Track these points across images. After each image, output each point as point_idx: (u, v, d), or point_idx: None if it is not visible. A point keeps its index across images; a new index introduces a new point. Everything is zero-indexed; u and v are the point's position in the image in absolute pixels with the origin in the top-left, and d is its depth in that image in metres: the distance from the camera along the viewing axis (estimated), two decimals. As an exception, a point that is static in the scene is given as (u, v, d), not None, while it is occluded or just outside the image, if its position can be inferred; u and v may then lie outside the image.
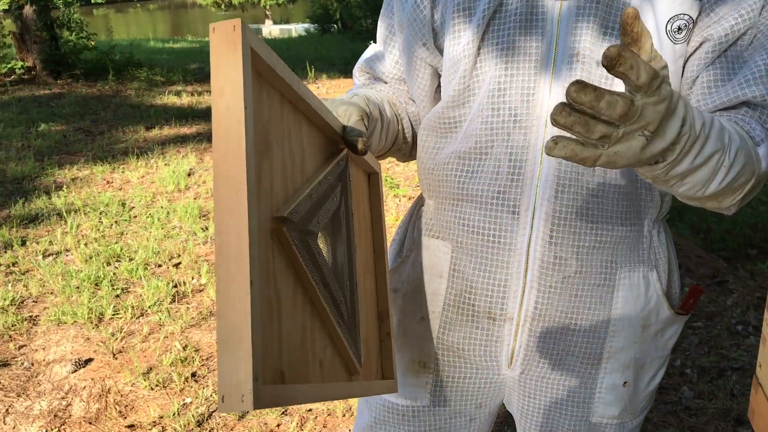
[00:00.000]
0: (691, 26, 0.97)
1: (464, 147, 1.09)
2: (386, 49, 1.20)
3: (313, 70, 9.96)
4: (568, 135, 0.76)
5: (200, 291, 3.47)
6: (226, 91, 0.60)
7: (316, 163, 0.87)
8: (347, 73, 9.94)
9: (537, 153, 1.03)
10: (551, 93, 1.01)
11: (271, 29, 22.76)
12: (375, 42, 1.26)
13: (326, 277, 0.82)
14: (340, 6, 17.19)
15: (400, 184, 5.03)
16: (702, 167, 0.80)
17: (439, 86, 1.17)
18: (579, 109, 0.64)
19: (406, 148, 1.24)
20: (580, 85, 0.62)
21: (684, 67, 1.01)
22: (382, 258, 1.11)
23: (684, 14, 0.96)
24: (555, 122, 0.64)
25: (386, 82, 1.22)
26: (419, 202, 1.24)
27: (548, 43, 1.01)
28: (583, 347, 1.13)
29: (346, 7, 16.86)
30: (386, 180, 5.06)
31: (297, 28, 21.20)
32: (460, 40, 1.05)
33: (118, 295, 3.42)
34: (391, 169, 5.45)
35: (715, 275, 3.38)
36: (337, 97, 1.08)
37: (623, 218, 1.06)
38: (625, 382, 1.15)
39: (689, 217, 3.91)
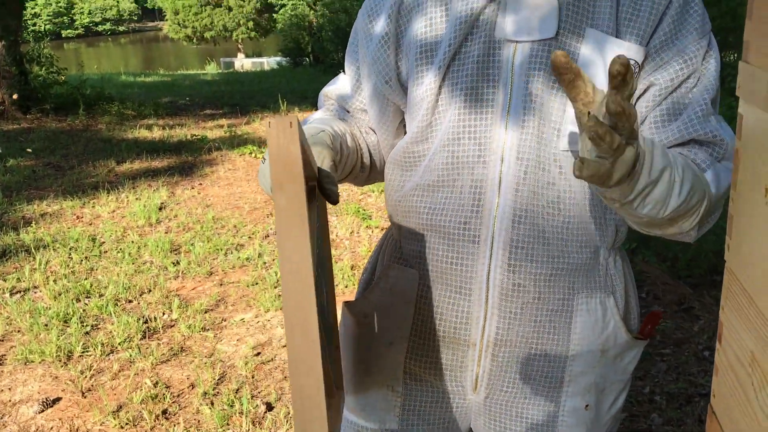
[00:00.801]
0: (637, 70, 1.04)
1: (428, 180, 1.14)
2: (352, 81, 1.25)
3: (285, 102, 10.03)
4: (588, 158, 0.82)
5: (171, 326, 3.44)
6: (287, 188, 0.69)
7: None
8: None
9: (495, 185, 1.08)
10: (507, 130, 1.07)
11: (243, 62, 22.90)
12: (344, 72, 1.30)
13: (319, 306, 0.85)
14: (312, 40, 17.38)
15: (372, 215, 5.07)
16: (658, 182, 0.88)
17: (401, 121, 1.22)
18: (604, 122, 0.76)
19: (362, 176, 1.29)
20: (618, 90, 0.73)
21: None
22: (329, 267, 1.15)
23: (630, 59, 1.02)
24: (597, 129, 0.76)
25: (348, 111, 1.27)
26: (389, 233, 1.29)
27: (504, 84, 1.07)
28: (545, 371, 1.16)
29: (317, 41, 17.05)
30: (358, 211, 5.09)
31: (269, 62, 21.36)
32: (423, 81, 1.11)
33: (87, 332, 3.38)
34: (363, 200, 5.50)
35: (681, 302, 3.45)
36: (311, 128, 1.12)
37: (579, 246, 1.11)
38: (587, 405, 1.18)
39: (656, 245, 3.98)
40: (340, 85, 1.28)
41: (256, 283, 3.96)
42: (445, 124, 1.11)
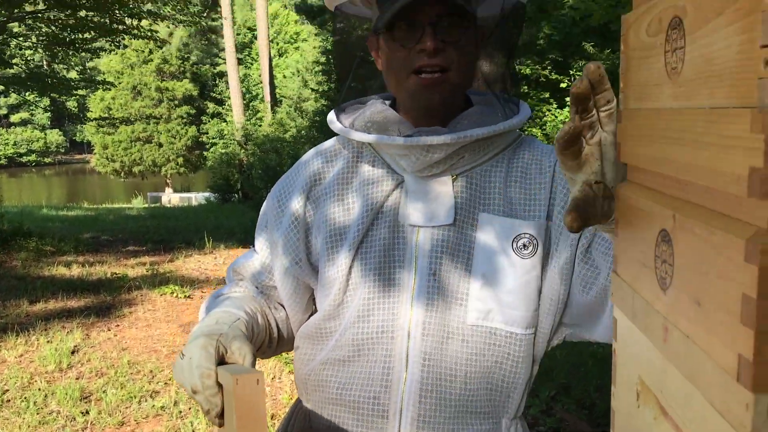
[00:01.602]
0: (535, 242, 1.13)
1: (338, 355, 1.18)
2: (262, 259, 1.31)
3: (210, 240, 9.99)
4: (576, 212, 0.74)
5: (74, 486, 3.21)
6: None
7: None
8: (245, 243, 10.01)
9: (402, 360, 1.13)
10: (413, 308, 1.13)
11: (171, 197, 22.88)
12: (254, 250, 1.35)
13: None
14: (242, 177, 17.63)
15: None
16: None
17: (311, 296, 1.28)
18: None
19: (269, 351, 1.33)
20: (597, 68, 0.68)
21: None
22: None
23: (524, 233, 1.12)
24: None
25: (258, 288, 1.31)
26: (298, 405, 1.30)
27: (409, 266, 1.15)
28: None
29: (247, 179, 17.30)
30: (281, 356, 5.00)
31: (197, 197, 21.42)
32: (334, 262, 1.18)
33: (-21, 495, 3.10)
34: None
35: (601, 451, 3.46)
36: (219, 314, 1.15)
37: (482, 419, 1.16)
38: None
39: (575, 392, 4.05)
40: (251, 262, 1.32)
41: (171, 435, 3.77)
42: (356, 302, 1.17)
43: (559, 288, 1.15)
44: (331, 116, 1.26)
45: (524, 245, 1.12)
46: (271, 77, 22.98)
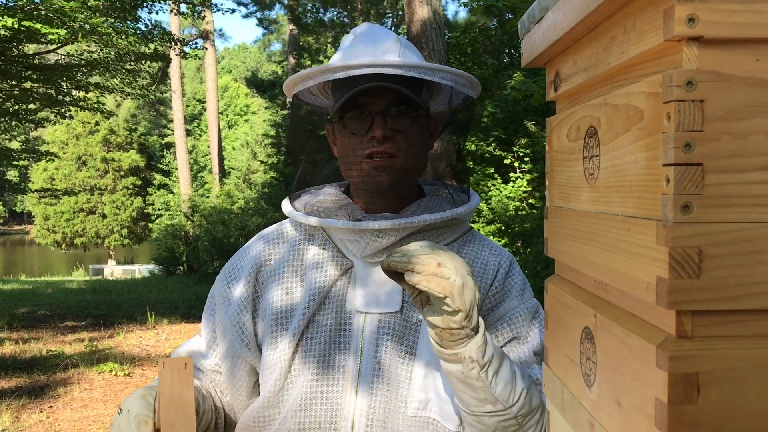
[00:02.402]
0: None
1: None
2: (207, 342, 1.28)
3: (153, 315, 9.73)
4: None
5: None
6: (179, 429, 0.69)
7: None
8: (189, 317, 9.78)
9: None
10: (357, 398, 1.11)
11: (113, 270, 22.30)
12: (199, 335, 1.33)
13: None
14: (187, 249, 17.36)
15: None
16: (503, 361, 1.00)
17: (256, 382, 1.25)
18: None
19: None
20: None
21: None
22: None
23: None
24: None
25: (202, 371, 1.28)
26: None
27: (355, 353, 1.14)
28: None
29: (193, 251, 17.04)
30: None
31: (141, 269, 20.93)
32: (277, 346, 1.17)
33: None
34: None
35: None
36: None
37: None
38: None
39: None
40: (195, 346, 1.30)
41: None
42: (297, 390, 1.15)
43: None
44: (285, 201, 1.28)
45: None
46: (220, 149, 23.02)
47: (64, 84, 10.72)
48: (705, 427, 0.45)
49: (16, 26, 7.66)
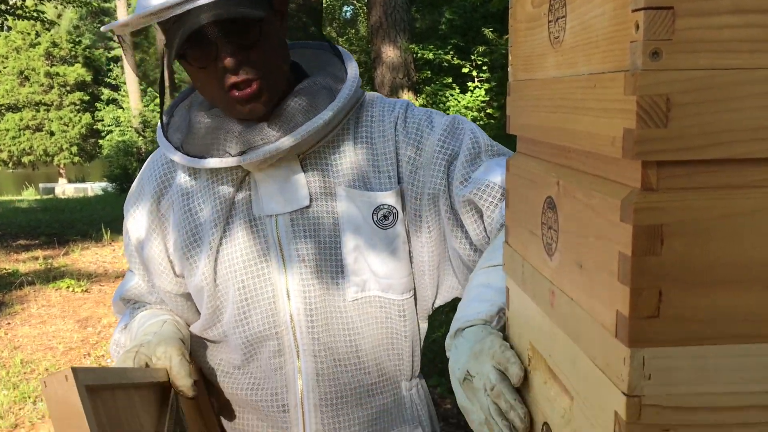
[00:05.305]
0: (395, 211, 1.11)
1: (229, 360, 1.17)
2: (143, 279, 1.25)
3: (109, 232, 9.60)
4: None
5: (-37, 494, 3.02)
6: None
7: (154, 418, 0.95)
8: (147, 234, 9.69)
9: (293, 353, 1.12)
10: (291, 300, 1.11)
11: (65, 188, 21.83)
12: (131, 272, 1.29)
13: None
14: (140, 166, 17.02)
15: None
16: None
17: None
18: None
19: None
20: None
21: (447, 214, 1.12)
22: None
23: (383, 204, 1.10)
24: None
25: (153, 304, 1.26)
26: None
27: (275, 257, 1.11)
28: None
29: (146, 167, 16.71)
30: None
31: (93, 187, 20.53)
32: (196, 271, 1.14)
33: None
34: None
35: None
36: (149, 326, 1.11)
37: (382, 387, 1.16)
38: None
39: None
40: (134, 286, 1.26)
41: (69, 435, 3.61)
42: (229, 308, 1.13)
43: (431, 248, 1.14)
44: (159, 134, 1.16)
45: (384, 216, 1.10)
46: (170, 61, 22.20)
47: (-2, -9, 10.10)
48: (667, 278, 0.45)
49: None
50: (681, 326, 0.45)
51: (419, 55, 9.34)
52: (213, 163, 1.06)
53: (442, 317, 4.20)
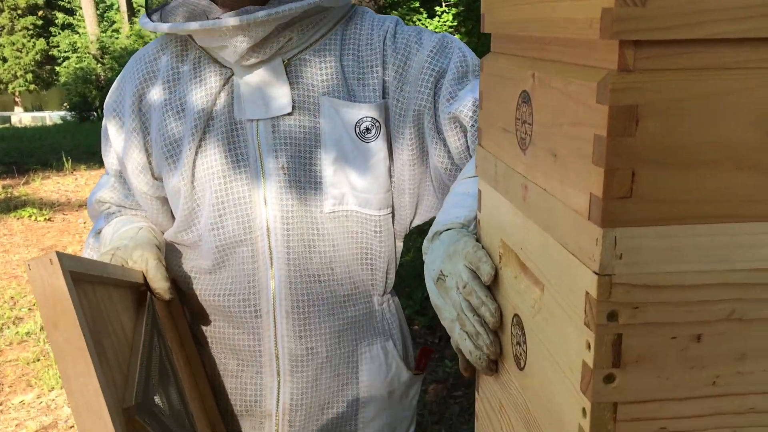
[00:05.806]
0: (378, 125, 1.11)
1: (201, 265, 1.17)
2: (119, 181, 1.25)
3: (69, 161, 9.40)
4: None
5: (-67, 418, 3.04)
6: (61, 325, 0.64)
7: (132, 320, 0.95)
8: (109, 163, 9.51)
9: (267, 259, 1.12)
10: (267, 205, 1.11)
11: (21, 117, 21.19)
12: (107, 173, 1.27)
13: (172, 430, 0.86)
14: (100, 94, 16.54)
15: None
16: None
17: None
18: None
19: None
20: None
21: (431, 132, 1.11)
22: (200, 372, 1.16)
23: (366, 117, 1.10)
24: None
25: (127, 207, 1.25)
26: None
27: (255, 161, 1.11)
28: (339, 425, 1.21)
29: (105, 96, 16.25)
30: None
31: (52, 116, 19.96)
32: (175, 172, 1.13)
33: None
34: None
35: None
36: (124, 231, 1.10)
37: (355, 299, 1.18)
38: None
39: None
40: (110, 188, 1.25)
41: (38, 360, 3.62)
42: (206, 210, 1.13)
43: (412, 166, 1.14)
44: (143, 18, 1.14)
45: (367, 129, 1.10)
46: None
47: None
48: (641, 159, 0.45)
49: None
50: (652, 207, 0.46)
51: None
52: (206, 25, 1.03)
53: (410, 243, 4.24)
